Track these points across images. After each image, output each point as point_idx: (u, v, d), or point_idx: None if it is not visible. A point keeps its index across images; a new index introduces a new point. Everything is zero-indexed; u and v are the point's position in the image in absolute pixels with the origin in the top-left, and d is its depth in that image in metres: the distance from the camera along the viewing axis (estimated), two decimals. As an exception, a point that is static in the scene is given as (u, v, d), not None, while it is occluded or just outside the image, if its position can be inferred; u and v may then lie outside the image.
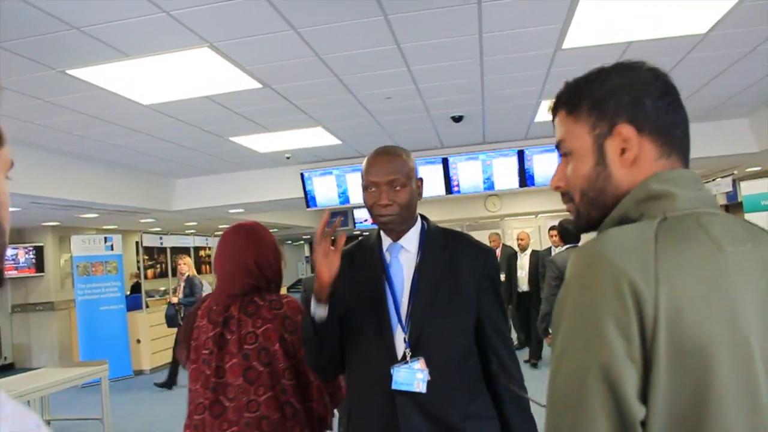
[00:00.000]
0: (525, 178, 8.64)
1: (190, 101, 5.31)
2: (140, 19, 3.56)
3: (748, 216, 8.14)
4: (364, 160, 1.95)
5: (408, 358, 1.82)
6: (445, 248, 1.95)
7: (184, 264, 8.91)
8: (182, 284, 8.87)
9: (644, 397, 0.86)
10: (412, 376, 1.79)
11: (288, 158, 8.44)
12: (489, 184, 8.80)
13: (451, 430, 1.80)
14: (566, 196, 1.15)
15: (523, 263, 9.19)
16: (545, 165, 8.60)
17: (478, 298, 1.90)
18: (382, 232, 1.99)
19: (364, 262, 1.99)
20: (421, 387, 1.78)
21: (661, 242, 0.92)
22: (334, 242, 1.83)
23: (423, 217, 2.03)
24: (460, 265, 1.92)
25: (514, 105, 6.55)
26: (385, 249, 1.97)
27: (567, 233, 6.01)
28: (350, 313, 1.93)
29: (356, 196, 8.99)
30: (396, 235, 1.95)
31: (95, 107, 5.30)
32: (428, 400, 1.78)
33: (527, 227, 19.34)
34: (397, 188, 1.87)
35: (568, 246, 5.95)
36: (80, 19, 3.53)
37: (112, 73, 4.45)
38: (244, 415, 1.99)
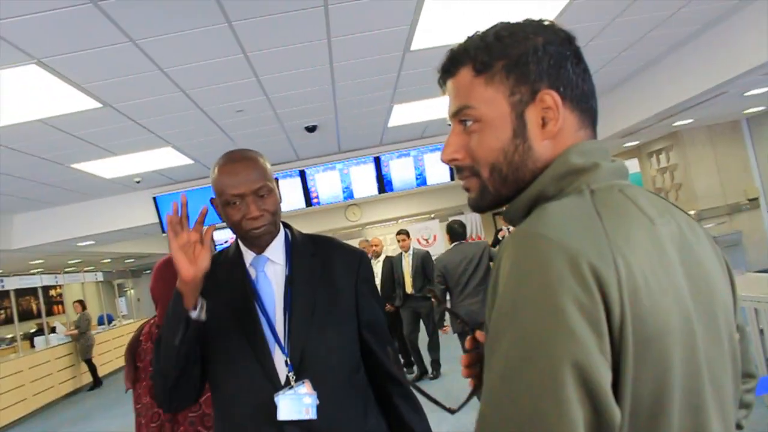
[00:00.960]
0: (383, 184, 8.77)
1: (22, 126, 4.86)
2: (-49, 34, 3.21)
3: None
4: (215, 171, 1.72)
5: (292, 383, 1.62)
6: (315, 255, 1.78)
7: None
8: None
9: (616, 394, 0.77)
10: (299, 402, 1.60)
11: (138, 182, 8.01)
12: (348, 193, 8.84)
13: None
14: (466, 171, 0.99)
15: (377, 271, 8.49)
16: (402, 170, 8.78)
17: (358, 305, 1.76)
18: (241, 245, 1.78)
19: (224, 280, 1.74)
20: (310, 413, 1.60)
21: (605, 219, 0.83)
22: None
23: (285, 225, 1.85)
24: (334, 272, 1.76)
25: (367, 111, 6.62)
26: (248, 264, 1.76)
27: (454, 232, 6.24)
28: (216, 339, 1.69)
29: (210, 218, 8.68)
30: (259, 247, 1.75)
31: None
32: (320, 426, 1.61)
33: (389, 233, 19.72)
34: (264, 196, 1.69)
35: (455, 244, 6.14)
36: None
37: (-76, 99, 3.99)
38: (188, 415, 2.21)
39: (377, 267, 7.96)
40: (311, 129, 6.91)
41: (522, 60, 0.93)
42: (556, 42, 0.94)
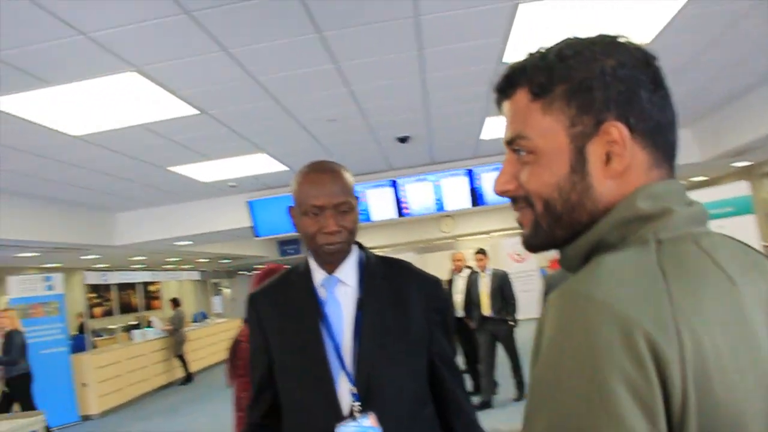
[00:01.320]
0: (476, 197, 8.58)
1: (124, 130, 5.06)
2: (56, 42, 3.34)
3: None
4: (298, 179, 1.64)
5: (356, 414, 1.53)
6: (389, 279, 1.67)
7: (5, 317, 7.85)
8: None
9: None
10: None
11: (232, 186, 8.20)
12: (440, 205, 8.70)
13: None
14: (521, 201, 0.86)
15: (459, 287, 7.94)
16: (495, 183, 8.54)
17: (430, 334, 1.64)
18: (312, 263, 1.68)
19: (293, 299, 1.67)
20: None
21: (671, 278, 0.69)
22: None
23: (359, 245, 1.74)
24: (408, 298, 1.64)
25: (460, 123, 6.48)
26: (318, 284, 1.66)
27: None
28: (282, 363, 1.64)
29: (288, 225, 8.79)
30: (331, 266, 1.65)
31: (19, 140, 5.01)
32: None
33: (482, 247, 19.44)
34: (345, 212, 1.61)
35: None
36: (-9, 45, 3.29)
37: (34, 103, 4.19)
38: None
39: (461, 282, 7.77)
40: (403, 140, 6.85)
41: (586, 85, 0.79)
42: (629, 64, 0.79)
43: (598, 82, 0.78)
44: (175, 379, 12.25)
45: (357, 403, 1.53)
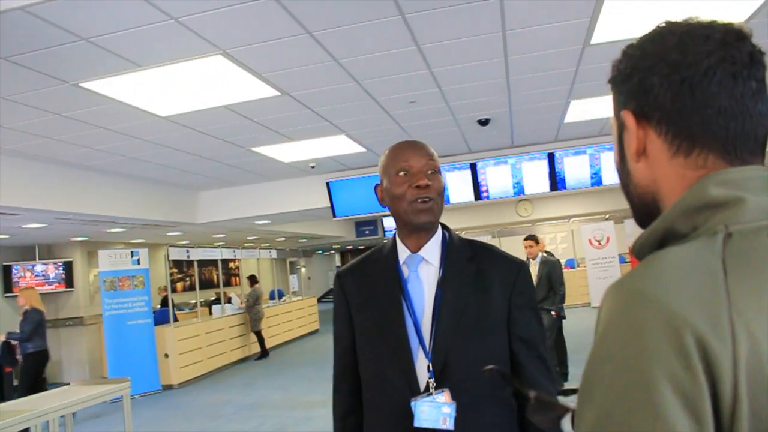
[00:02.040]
0: (556, 181, 8.38)
1: (209, 111, 5.19)
2: (148, 27, 3.43)
3: None
4: (386, 152, 1.74)
5: (432, 390, 1.56)
6: (472, 260, 1.68)
7: (22, 296, 7.87)
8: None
9: None
10: (437, 411, 1.54)
11: (312, 167, 8.31)
12: (519, 189, 8.55)
13: None
14: None
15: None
16: (576, 167, 8.33)
17: (511, 318, 1.64)
18: (398, 242, 1.73)
19: (377, 276, 1.72)
20: (447, 424, 1.52)
21: (732, 274, 0.66)
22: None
23: (444, 226, 1.76)
24: (490, 280, 1.65)
25: (543, 106, 6.32)
26: (402, 261, 1.70)
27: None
28: (364, 337, 1.70)
29: (380, 205, 8.82)
30: (416, 243, 1.69)
31: (112, 120, 5.22)
32: None
33: (560, 232, 19.03)
34: (433, 173, 1.65)
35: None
36: (87, 29, 3.42)
37: (126, 85, 4.35)
38: None
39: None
40: (484, 122, 6.74)
41: (619, 78, 0.85)
42: (653, 53, 0.80)
43: (622, 76, 0.84)
44: (251, 354, 12.62)
45: (432, 379, 1.56)
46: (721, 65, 0.75)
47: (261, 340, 12.49)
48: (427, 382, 1.57)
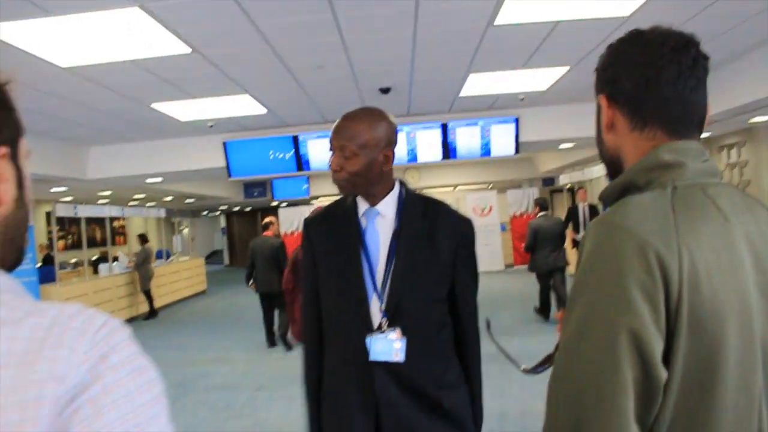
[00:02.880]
0: (449, 150, 8.79)
1: (114, 65, 5.08)
2: (68, -25, 3.37)
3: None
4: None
5: (384, 328, 1.79)
6: (425, 216, 1.89)
7: None
8: None
9: (666, 360, 0.91)
10: (389, 346, 1.78)
11: (211, 126, 8.24)
12: (412, 156, 8.90)
13: (427, 399, 1.81)
14: None
15: None
16: (468, 137, 8.78)
17: (455, 269, 1.86)
18: (359, 196, 1.92)
19: (339, 226, 1.92)
20: (399, 357, 1.77)
21: (678, 214, 0.97)
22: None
23: (401, 183, 1.95)
24: (439, 234, 1.86)
25: (442, 78, 6.64)
26: (361, 213, 1.90)
27: (543, 206, 9.12)
28: (325, 283, 1.90)
29: (278, 165, 8.92)
30: (373, 199, 1.88)
31: (6, 67, 4.98)
32: (405, 370, 1.78)
33: (445, 199, 19.73)
34: (347, 156, 1.81)
35: (542, 213, 8.97)
36: (1, -27, 3.31)
37: (30, 32, 4.19)
38: None
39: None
40: (385, 90, 6.98)
41: (601, 69, 1.15)
42: (625, 52, 1.11)
43: (602, 68, 1.15)
44: (139, 313, 12.39)
45: (385, 319, 1.80)
46: (670, 66, 1.05)
47: (150, 300, 12.28)
48: (380, 322, 1.80)
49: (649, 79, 1.07)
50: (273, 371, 7.25)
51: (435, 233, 1.86)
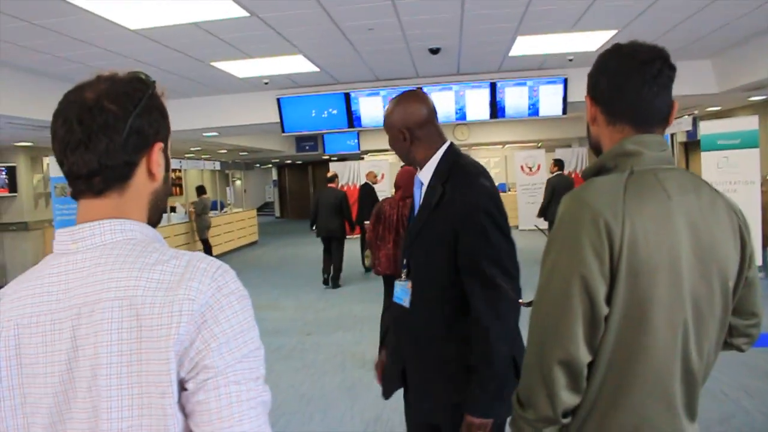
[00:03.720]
0: (496, 109, 8.91)
1: (178, 27, 5.40)
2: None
3: (704, 154, 8.55)
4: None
5: (404, 278, 2.11)
6: (444, 184, 1.99)
7: None
8: None
9: (608, 301, 1.23)
10: (403, 292, 2.08)
11: (266, 83, 8.54)
12: (461, 115, 9.05)
13: (422, 343, 2.06)
14: None
15: None
16: (516, 97, 8.88)
17: (457, 238, 1.92)
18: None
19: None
20: (406, 303, 2.08)
21: (628, 192, 1.26)
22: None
23: (449, 146, 2.10)
24: (448, 204, 1.96)
25: (491, 39, 6.76)
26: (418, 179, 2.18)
27: (561, 166, 10.74)
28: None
29: (330, 121, 9.20)
30: (418, 169, 2.14)
31: (82, 31, 5.35)
32: (409, 317, 2.09)
33: (494, 157, 19.76)
34: (389, 138, 2.16)
35: (559, 173, 10.60)
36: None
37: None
38: None
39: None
40: (435, 51, 7.13)
41: (589, 74, 1.43)
42: (606, 63, 1.39)
43: (590, 73, 1.43)
44: (196, 261, 12.97)
45: (405, 270, 2.12)
46: (636, 76, 1.33)
47: (209, 248, 12.90)
48: (402, 272, 2.13)
49: (620, 86, 1.35)
50: (320, 319, 7.66)
51: (445, 202, 1.97)
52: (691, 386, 1.30)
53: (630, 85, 1.34)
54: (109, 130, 1.01)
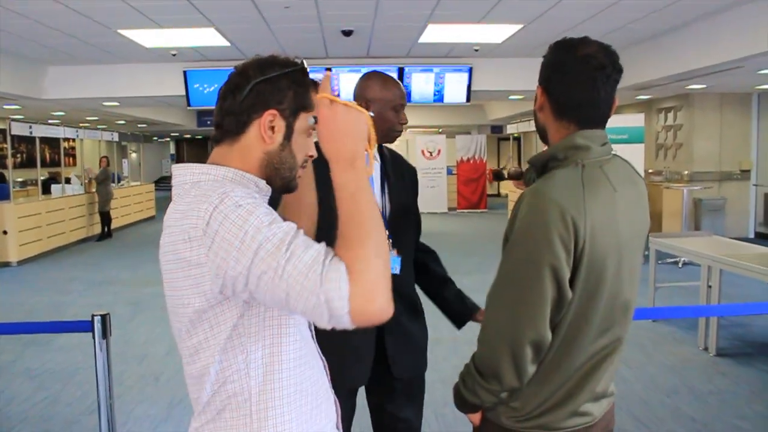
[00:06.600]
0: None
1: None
2: None
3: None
4: (382, 80, 2.25)
5: (390, 248, 2.25)
6: (395, 161, 2.35)
7: None
8: None
9: (571, 285, 1.37)
10: (394, 261, 2.26)
11: (174, 55, 8.37)
12: (368, 97, 9.18)
13: (410, 304, 2.35)
14: None
15: None
16: (423, 83, 9.16)
17: (415, 204, 2.38)
18: None
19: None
20: (397, 270, 2.22)
21: (586, 187, 1.38)
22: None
23: None
24: (405, 176, 2.36)
25: (403, 25, 6.96)
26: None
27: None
28: None
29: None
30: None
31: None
32: (400, 280, 2.18)
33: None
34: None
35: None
36: None
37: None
38: None
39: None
40: (347, 33, 7.26)
41: (542, 66, 1.51)
42: (560, 61, 1.46)
43: (543, 65, 1.50)
44: (92, 235, 12.55)
45: (390, 240, 2.25)
46: (590, 81, 1.43)
47: (108, 221, 12.50)
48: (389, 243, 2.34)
49: (571, 89, 1.44)
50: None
51: (404, 176, 2.38)
52: (626, 317, 1.52)
53: (581, 89, 1.43)
54: (235, 91, 1.23)
